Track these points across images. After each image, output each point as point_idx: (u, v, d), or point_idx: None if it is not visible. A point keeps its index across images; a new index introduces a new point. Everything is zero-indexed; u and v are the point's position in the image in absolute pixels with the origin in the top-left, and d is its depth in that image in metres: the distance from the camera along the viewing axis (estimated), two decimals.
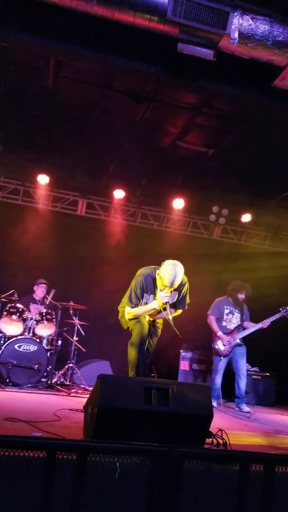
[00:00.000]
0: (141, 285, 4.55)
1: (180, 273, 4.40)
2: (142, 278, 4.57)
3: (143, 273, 4.62)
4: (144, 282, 4.56)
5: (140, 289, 4.54)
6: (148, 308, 4.54)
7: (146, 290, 4.57)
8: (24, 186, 8.30)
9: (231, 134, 6.69)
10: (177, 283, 4.39)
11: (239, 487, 2.52)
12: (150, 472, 2.32)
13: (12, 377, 6.09)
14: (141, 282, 4.56)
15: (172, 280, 4.35)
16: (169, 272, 4.36)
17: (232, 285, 6.84)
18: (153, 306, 4.51)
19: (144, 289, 4.56)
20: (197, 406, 3.29)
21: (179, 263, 4.46)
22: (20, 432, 3.30)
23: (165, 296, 4.40)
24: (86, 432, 3.32)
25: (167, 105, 6.19)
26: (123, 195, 8.42)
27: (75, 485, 2.13)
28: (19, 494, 2.10)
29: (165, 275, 4.36)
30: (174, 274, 4.35)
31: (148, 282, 4.57)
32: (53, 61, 5.43)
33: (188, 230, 9.19)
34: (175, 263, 4.45)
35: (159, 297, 4.46)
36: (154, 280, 4.57)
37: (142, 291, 4.55)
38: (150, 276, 4.59)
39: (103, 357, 7.62)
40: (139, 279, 4.59)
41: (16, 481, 2.11)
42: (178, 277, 4.38)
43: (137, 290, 4.55)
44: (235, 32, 3.95)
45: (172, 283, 4.36)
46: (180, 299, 4.71)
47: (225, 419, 5.36)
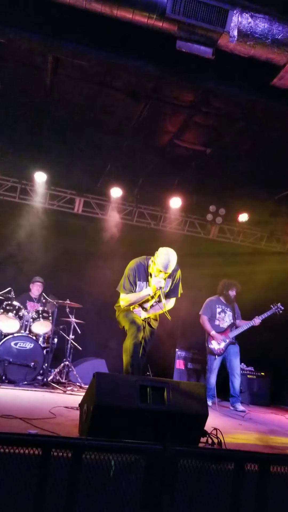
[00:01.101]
0: (134, 272, 4.64)
1: (174, 257, 4.51)
2: (135, 266, 4.67)
3: (135, 262, 4.73)
4: (136, 269, 4.65)
5: (133, 276, 4.63)
6: (142, 295, 4.60)
7: (139, 278, 4.64)
8: (21, 184, 8.27)
9: (229, 133, 6.69)
10: (171, 267, 4.49)
11: (234, 486, 2.51)
12: (145, 470, 2.32)
13: (8, 375, 6.07)
14: (134, 269, 4.65)
15: (166, 263, 4.44)
16: (163, 257, 4.47)
17: (221, 284, 6.89)
18: (147, 292, 4.59)
19: (137, 276, 4.63)
20: (192, 405, 3.29)
21: (172, 250, 4.58)
22: (15, 429, 3.28)
23: (159, 281, 4.48)
24: (82, 430, 3.32)
25: (165, 103, 6.18)
26: (120, 194, 8.40)
27: (70, 482, 2.12)
28: (14, 490, 2.09)
29: (159, 260, 4.47)
30: (167, 258, 4.47)
31: (141, 270, 4.66)
32: (51, 58, 5.41)
33: (185, 229, 9.18)
34: (168, 248, 4.58)
35: (152, 283, 4.54)
36: (147, 268, 4.66)
37: (135, 278, 4.63)
38: (142, 265, 4.68)
39: (98, 355, 7.60)
40: (132, 266, 4.69)
41: (11, 478, 2.10)
42: (172, 262, 4.49)
43: (130, 277, 4.63)
44: (234, 30, 3.95)
45: (166, 267, 4.45)
46: (173, 287, 4.76)
47: (220, 418, 5.36)
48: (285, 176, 7.47)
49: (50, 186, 8.36)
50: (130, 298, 4.63)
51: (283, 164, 7.10)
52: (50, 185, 8.34)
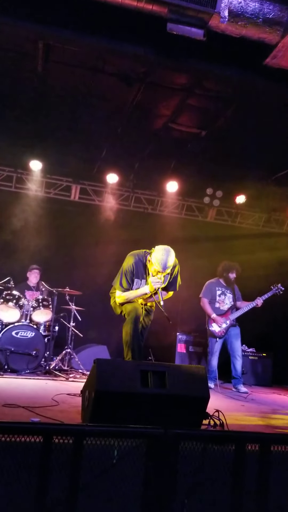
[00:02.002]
0: (132, 270, 4.55)
1: (172, 257, 4.41)
2: (133, 263, 4.56)
3: (134, 257, 4.61)
4: (134, 266, 4.55)
5: (130, 273, 4.55)
6: (139, 293, 4.55)
7: (137, 275, 4.57)
8: (17, 173, 8.24)
9: (223, 115, 6.64)
10: (169, 267, 4.41)
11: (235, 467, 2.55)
12: (146, 454, 2.35)
13: (11, 364, 6.12)
14: (131, 267, 4.55)
15: (163, 264, 4.35)
16: (160, 257, 4.37)
17: (222, 266, 6.86)
18: (144, 291, 4.52)
19: (134, 274, 4.56)
20: (193, 388, 3.32)
21: (170, 248, 4.46)
22: (18, 417, 3.32)
23: (157, 282, 4.41)
24: (84, 416, 3.35)
25: (159, 86, 6.12)
26: (116, 180, 8.37)
27: (72, 468, 2.15)
28: (16, 479, 2.13)
29: (157, 260, 4.37)
30: (165, 258, 4.36)
31: (139, 267, 4.57)
32: (41, 45, 5.34)
33: (182, 213, 9.16)
34: (166, 247, 4.45)
35: (150, 282, 4.46)
36: (145, 265, 4.57)
37: (132, 275, 4.55)
38: (140, 261, 4.58)
39: (100, 342, 7.66)
40: (130, 263, 4.58)
41: (13, 466, 2.14)
42: (170, 262, 4.39)
43: (127, 274, 4.55)
44: (225, 10, 3.89)
45: (164, 267, 4.37)
46: (172, 281, 4.71)
47: (222, 400, 5.41)
48: (282, 156, 7.42)
49: (46, 174, 8.34)
50: (127, 296, 4.59)
51: (279, 144, 7.06)
52: (46, 173, 8.31)
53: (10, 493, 2.13)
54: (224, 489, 2.60)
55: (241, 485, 2.56)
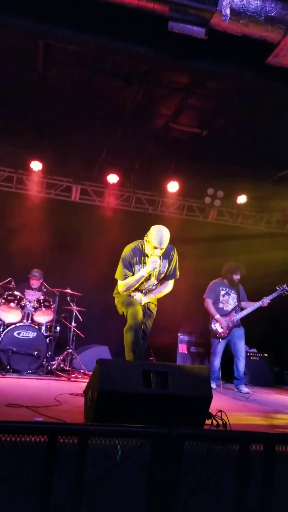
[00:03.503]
0: (129, 257, 4.66)
1: (166, 232, 4.54)
2: (130, 250, 4.69)
3: (130, 247, 4.75)
4: (131, 253, 4.67)
5: (128, 261, 4.66)
6: (137, 276, 4.62)
7: (136, 262, 4.66)
8: (17, 173, 8.23)
9: (224, 115, 6.62)
10: (165, 241, 4.52)
11: (239, 466, 2.53)
12: (151, 454, 2.34)
13: (13, 364, 6.12)
14: (129, 254, 4.68)
15: (159, 238, 4.47)
16: (155, 233, 4.51)
17: (226, 267, 6.82)
18: (142, 273, 4.59)
19: (132, 261, 4.66)
20: (196, 388, 3.31)
21: (163, 226, 4.61)
22: (22, 417, 3.31)
23: (154, 262, 4.52)
24: (87, 416, 3.34)
25: (159, 86, 6.11)
26: (117, 180, 8.36)
27: (77, 468, 2.14)
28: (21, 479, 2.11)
29: (153, 236, 4.50)
30: (160, 233, 4.50)
31: (136, 253, 4.68)
32: (41, 45, 5.33)
33: (183, 213, 9.14)
34: (160, 226, 4.61)
35: (148, 263, 4.56)
36: (142, 251, 4.68)
37: (130, 262, 4.65)
38: (137, 248, 4.71)
39: (101, 342, 7.64)
40: (127, 252, 4.71)
41: (18, 466, 2.12)
42: (165, 236, 4.51)
43: (126, 263, 4.66)
44: (226, 8, 3.87)
45: (160, 242, 4.48)
46: (172, 269, 4.79)
47: (224, 401, 5.40)
48: (283, 155, 7.41)
49: (47, 175, 8.32)
50: (127, 282, 4.66)
51: (280, 144, 7.04)
52: (47, 174, 8.30)
53: (14, 493, 2.12)
54: (228, 489, 2.58)
55: (245, 485, 2.55)
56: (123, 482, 2.29)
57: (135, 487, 2.31)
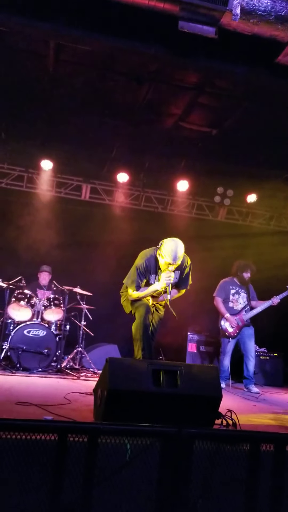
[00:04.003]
0: (144, 267, 4.53)
1: (181, 248, 4.38)
2: (145, 260, 4.54)
3: (146, 255, 4.59)
4: (146, 263, 4.53)
5: (143, 271, 4.53)
6: (150, 290, 4.53)
7: (149, 272, 4.55)
8: (28, 172, 8.28)
9: (234, 113, 6.61)
10: (179, 257, 4.37)
11: (249, 467, 2.53)
12: (160, 453, 2.35)
13: (23, 362, 6.16)
14: (143, 264, 4.53)
15: (174, 256, 4.32)
16: (170, 249, 4.34)
17: (236, 265, 6.79)
18: (156, 287, 4.49)
19: (147, 271, 4.54)
20: (205, 387, 3.30)
21: (178, 239, 4.44)
22: (31, 415, 3.33)
23: (168, 277, 4.39)
24: (96, 415, 3.36)
25: (169, 85, 6.12)
26: (127, 179, 8.38)
27: (87, 466, 2.16)
28: (31, 476, 2.13)
29: (167, 252, 4.34)
30: (175, 249, 4.34)
31: (151, 263, 4.54)
32: (53, 45, 5.35)
33: (193, 212, 9.14)
34: (174, 239, 4.43)
35: (162, 279, 4.44)
36: (157, 261, 4.54)
37: (145, 272, 4.54)
38: (152, 257, 4.55)
39: (111, 341, 7.66)
40: (142, 261, 4.55)
41: (28, 463, 2.14)
42: (180, 253, 4.36)
43: (140, 272, 4.53)
44: (237, 8, 3.86)
45: (175, 259, 4.33)
46: (183, 278, 4.69)
47: (234, 400, 5.38)
48: None
49: (57, 174, 8.37)
50: (139, 294, 4.56)
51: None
52: (57, 173, 8.34)
53: (24, 491, 2.14)
54: (238, 489, 2.58)
55: (255, 485, 2.55)
56: (132, 481, 2.30)
57: (145, 486, 2.32)
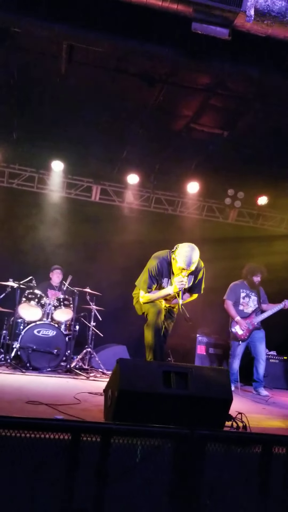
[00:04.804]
0: (156, 270, 4.47)
1: (196, 254, 4.33)
2: (157, 262, 4.49)
3: (158, 257, 4.54)
4: (159, 266, 4.47)
5: (155, 274, 4.47)
6: (163, 294, 4.48)
7: (162, 275, 4.50)
8: (39, 173, 8.32)
9: (246, 115, 6.58)
10: (193, 264, 4.32)
11: (261, 469, 2.52)
12: (172, 454, 2.34)
13: (32, 362, 6.18)
14: (155, 267, 4.48)
15: (188, 262, 4.27)
16: (184, 254, 4.28)
17: (246, 268, 6.75)
18: (168, 291, 4.44)
19: (159, 274, 4.49)
20: (216, 389, 3.30)
21: (193, 245, 4.38)
22: (41, 414, 3.35)
23: (181, 282, 4.32)
24: (106, 415, 3.36)
25: (181, 87, 6.11)
26: (137, 180, 8.39)
27: (99, 466, 2.16)
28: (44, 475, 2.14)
29: (181, 258, 4.29)
30: (190, 256, 4.28)
31: (164, 266, 4.49)
32: (65, 46, 5.37)
33: (203, 214, 9.12)
34: (189, 245, 4.37)
35: (175, 283, 4.38)
36: (170, 264, 4.49)
37: (157, 275, 4.48)
38: (165, 260, 4.50)
39: (120, 342, 7.67)
40: (154, 263, 4.50)
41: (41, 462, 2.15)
42: (194, 259, 4.30)
43: (152, 275, 4.48)
44: (251, 9, 3.86)
45: (189, 265, 4.28)
46: (196, 283, 4.64)
47: (243, 403, 5.36)
48: None
49: (67, 175, 8.40)
50: (151, 297, 4.52)
51: None
52: (67, 174, 8.38)
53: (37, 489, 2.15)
54: (249, 491, 2.57)
55: (267, 488, 2.54)
56: (144, 481, 2.30)
57: (157, 487, 2.32)
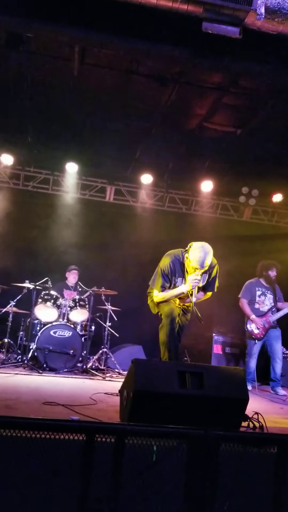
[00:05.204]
0: (168, 269, 4.47)
1: (210, 253, 4.31)
2: (170, 261, 4.48)
3: (171, 256, 4.54)
4: (171, 265, 4.47)
5: (168, 272, 4.47)
6: (176, 292, 4.47)
7: (174, 273, 4.49)
8: (54, 175, 8.40)
9: (259, 113, 6.55)
10: (207, 263, 4.30)
11: (277, 469, 2.51)
12: (187, 455, 2.35)
13: (49, 362, 6.24)
14: (168, 266, 4.47)
15: (202, 261, 4.25)
16: (198, 253, 4.27)
17: (260, 265, 6.72)
18: (182, 289, 4.43)
19: (172, 273, 4.48)
20: (232, 389, 3.29)
21: (207, 244, 4.36)
22: (58, 415, 3.38)
23: (195, 280, 4.31)
24: (122, 415, 3.38)
25: (193, 86, 6.10)
26: (151, 180, 8.41)
27: (114, 466, 2.18)
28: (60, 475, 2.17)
29: (194, 257, 4.27)
30: (203, 255, 4.26)
31: (176, 265, 4.48)
32: (77, 49, 5.41)
33: (217, 212, 9.10)
34: (203, 244, 4.35)
35: (188, 281, 4.37)
36: (183, 263, 4.48)
37: (170, 274, 4.48)
38: (177, 259, 4.50)
39: (136, 342, 7.69)
40: (167, 262, 4.50)
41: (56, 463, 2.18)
42: (208, 258, 4.28)
43: (164, 274, 4.47)
44: (261, 7, 3.84)
45: (202, 264, 4.26)
46: (210, 281, 4.62)
47: (260, 403, 5.33)
48: None
49: (81, 176, 8.46)
50: (164, 295, 4.52)
51: None
52: (81, 175, 8.44)
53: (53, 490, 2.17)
54: (265, 492, 2.57)
55: (283, 488, 2.53)
56: (159, 481, 2.31)
57: (172, 488, 2.33)
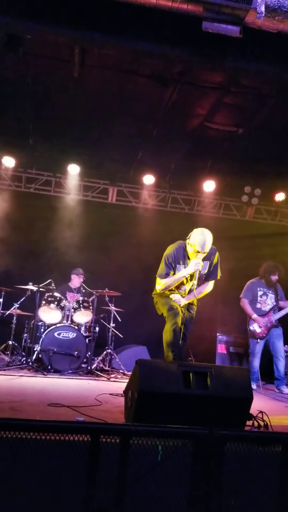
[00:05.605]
0: (172, 256, 4.60)
1: (209, 236, 4.45)
2: (174, 249, 4.63)
3: (173, 246, 4.68)
4: (175, 252, 4.60)
5: (172, 260, 4.58)
6: (178, 276, 4.56)
7: (178, 261, 4.60)
8: (56, 177, 8.41)
9: (260, 112, 6.53)
10: (207, 245, 4.42)
11: (281, 468, 2.51)
12: (192, 455, 2.35)
13: (54, 364, 6.25)
14: (172, 253, 4.61)
15: (202, 243, 4.38)
16: (198, 237, 4.42)
17: (264, 267, 6.72)
18: (183, 273, 4.53)
19: (175, 260, 4.60)
20: (236, 389, 3.28)
21: (206, 229, 4.51)
22: (63, 416, 3.38)
23: (197, 263, 4.43)
24: (127, 416, 3.38)
25: (194, 86, 6.10)
26: (153, 181, 8.41)
27: (119, 467, 2.18)
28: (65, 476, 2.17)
29: (195, 240, 4.41)
30: (203, 237, 4.40)
31: (179, 252, 4.61)
32: (77, 50, 5.42)
33: (220, 212, 9.09)
34: (202, 229, 4.51)
35: (190, 264, 4.49)
36: (185, 250, 4.61)
37: (173, 262, 4.59)
38: (180, 247, 4.63)
39: (140, 342, 7.69)
40: (170, 250, 4.64)
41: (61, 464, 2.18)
42: (208, 240, 4.42)
43: (168, 262, 4.59)
44: (261, 5, 3.83)
45: (203, 246, 4.39)
46: (212, 269, 4.72)
47: (265, 401, 5.33)
48: None
49: (84, 178, 8.46)
50: (166, 281, 4.59)
51: None
52: (84, 177, 8.44)
53: (58, 490, 2.18)
54: (270, 491, 2.56)
55: None
56: (164, 481, 2.31)
57: (177, 487, 2.32)
